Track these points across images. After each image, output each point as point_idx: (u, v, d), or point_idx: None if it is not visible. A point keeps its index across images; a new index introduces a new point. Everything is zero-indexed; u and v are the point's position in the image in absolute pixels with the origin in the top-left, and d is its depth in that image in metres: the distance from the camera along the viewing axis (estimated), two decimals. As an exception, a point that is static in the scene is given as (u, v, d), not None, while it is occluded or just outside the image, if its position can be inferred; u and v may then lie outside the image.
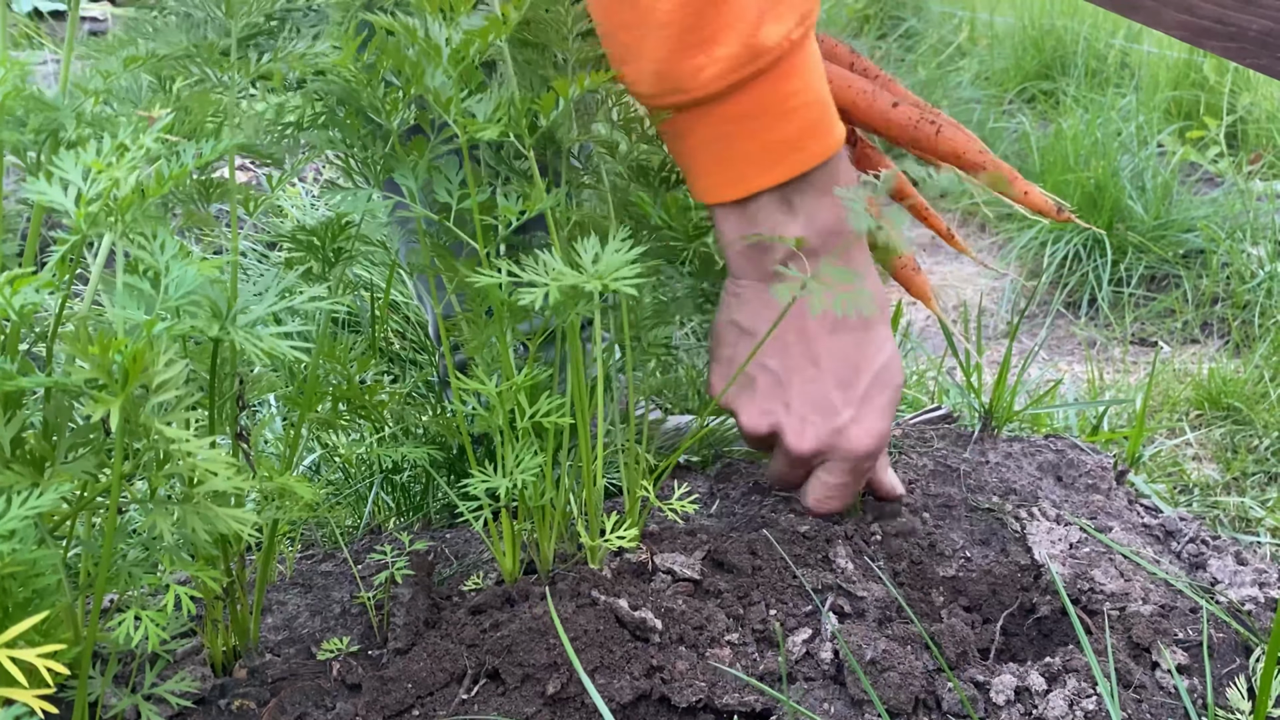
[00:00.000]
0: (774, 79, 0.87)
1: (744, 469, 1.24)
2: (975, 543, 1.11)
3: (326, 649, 0.98)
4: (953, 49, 3.82)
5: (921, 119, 1.10)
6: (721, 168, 0.91)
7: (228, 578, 0.92)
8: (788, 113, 0.88)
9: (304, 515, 0.95)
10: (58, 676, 0.76)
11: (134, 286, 0.69)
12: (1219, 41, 1.04)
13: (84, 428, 0.76)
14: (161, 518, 0.72)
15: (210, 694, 0.92)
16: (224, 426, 0.91)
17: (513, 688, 0.88)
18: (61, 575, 0.74)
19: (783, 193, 0.92)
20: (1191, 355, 2.14)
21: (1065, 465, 1.27)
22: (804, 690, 0.89)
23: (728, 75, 0.85)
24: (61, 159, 0.70)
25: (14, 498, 0.65)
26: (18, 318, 0.67)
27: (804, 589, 0.98)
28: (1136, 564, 1.06)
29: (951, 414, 1.42)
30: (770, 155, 0.90)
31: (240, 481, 0.71)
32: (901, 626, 0.95)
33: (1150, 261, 2.40)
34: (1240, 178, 2.70)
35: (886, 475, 1.10)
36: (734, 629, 0.94)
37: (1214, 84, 3.02)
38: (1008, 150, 2.95)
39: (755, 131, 0.88)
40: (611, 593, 0.93)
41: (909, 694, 0.88)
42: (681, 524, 1.10)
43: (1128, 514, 1.19)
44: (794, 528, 1.05)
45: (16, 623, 0.62)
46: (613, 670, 0.88)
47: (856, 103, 1.11)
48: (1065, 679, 0.92)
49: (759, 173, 0.90)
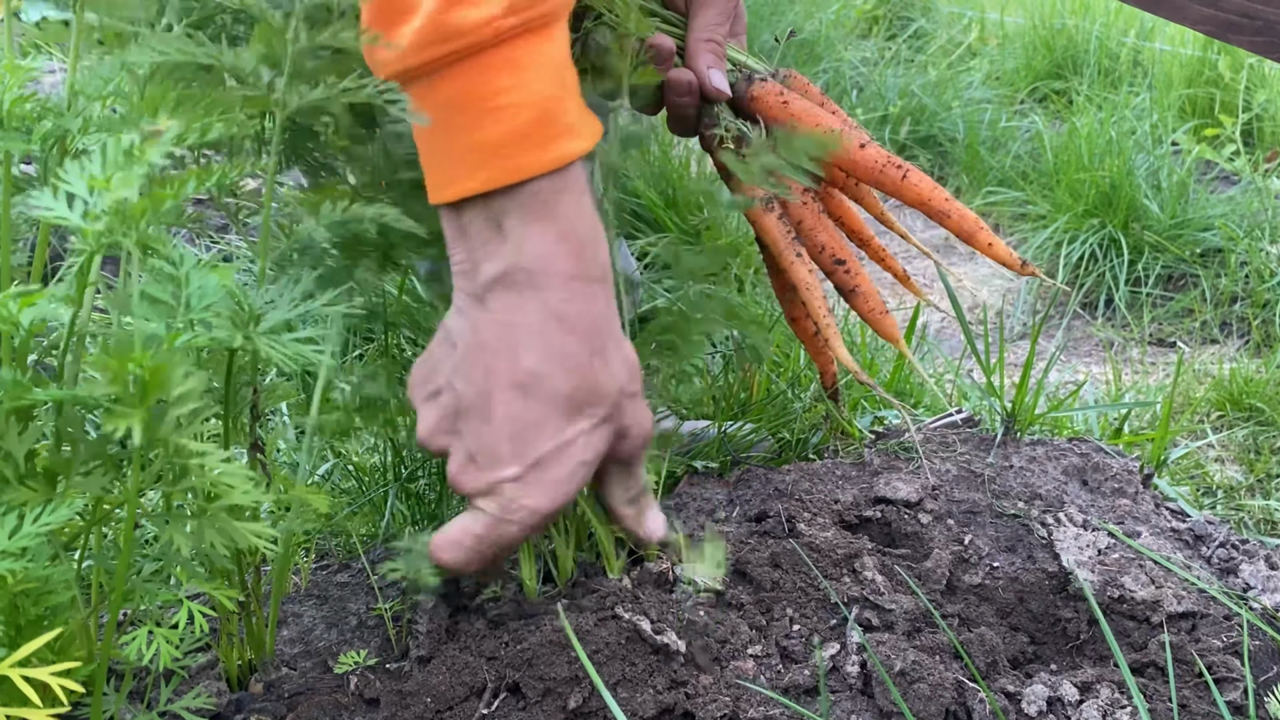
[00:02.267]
0: (477, 69, 0.79)
1: (762, 475, 1.23)
2: (1002, 549, 1.09)
3: (344, 662, 0.96)
4: (963, 49, 3.80)
5: (889, 162, 1.11)
6: (433, 162, 0.83)
7: (243, 591, 0.90)
8: (492, 111, 0.79)
9: (319, 525, 0.93)
10: (72, 695, 0.74)
11: (154, 297, 0.67)
12: (1246, 36, 1.02)
13: (97, 441, 0.75)
14: (178, 532, 0.70)
15: (226, 709, 0.90)
16: (239, 436, 0.89)
17: (533, 702, 0.86)
18: (75, 591, 0.73)
19: (490, 208, 0.82)
20: (1211, 355, 2.11)
21: (1090, 469, 1.25)
22: (831, 703, 0.87)
23: (416, 53, 0.78)
24: (67, 171, 0.68)
25: (27, 514, 0.64)
26: (26, 334, 0.65)
27: (828, 601, 0.96)
28: (1167, 570, 1.04)
29: (973, 417, 1.40)
30: (474, 157, 0.81)
31: (258, 495, 0.69)
32: (930, 636, 0.93)
33: (1167, 261, 2.37)
34: (1257, 176, 2.67)
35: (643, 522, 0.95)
36: (757, 641, 0.92)
37: (1229, 81, 3.00)
38: (1021, 150, 2.93)
39: (461, 127, 0.80)
40: (633, 607, 0.91)
41: (939, 705, 0.86)
42: (700, 532, 1.09)
43: (1155, 518, 1.17)
44: (817, 538, 1.03)
45: (29, 640, 0.61)
46: (635, 684, 0.86)
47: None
48: (1098, 689, 0.90)
49: (464, 176, 0.81)
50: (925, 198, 1.11)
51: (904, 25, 4.12)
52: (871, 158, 1.11)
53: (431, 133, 0.82)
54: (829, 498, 1.15)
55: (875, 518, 1.12)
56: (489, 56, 0.79)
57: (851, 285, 1.17)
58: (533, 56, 0.80)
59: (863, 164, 1.11)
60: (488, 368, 0.84)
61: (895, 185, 1.11)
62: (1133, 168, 2.48)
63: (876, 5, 4.16)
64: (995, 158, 2.91)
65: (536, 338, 0.83)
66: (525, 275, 0.82)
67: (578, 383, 0.84)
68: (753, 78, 1.13)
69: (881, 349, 1.78)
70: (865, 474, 1.21)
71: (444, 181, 0.83)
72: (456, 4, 0.77)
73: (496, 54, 0.79)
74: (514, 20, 0.78)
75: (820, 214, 1.16)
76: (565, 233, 0.82)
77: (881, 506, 1.13)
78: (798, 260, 1.14)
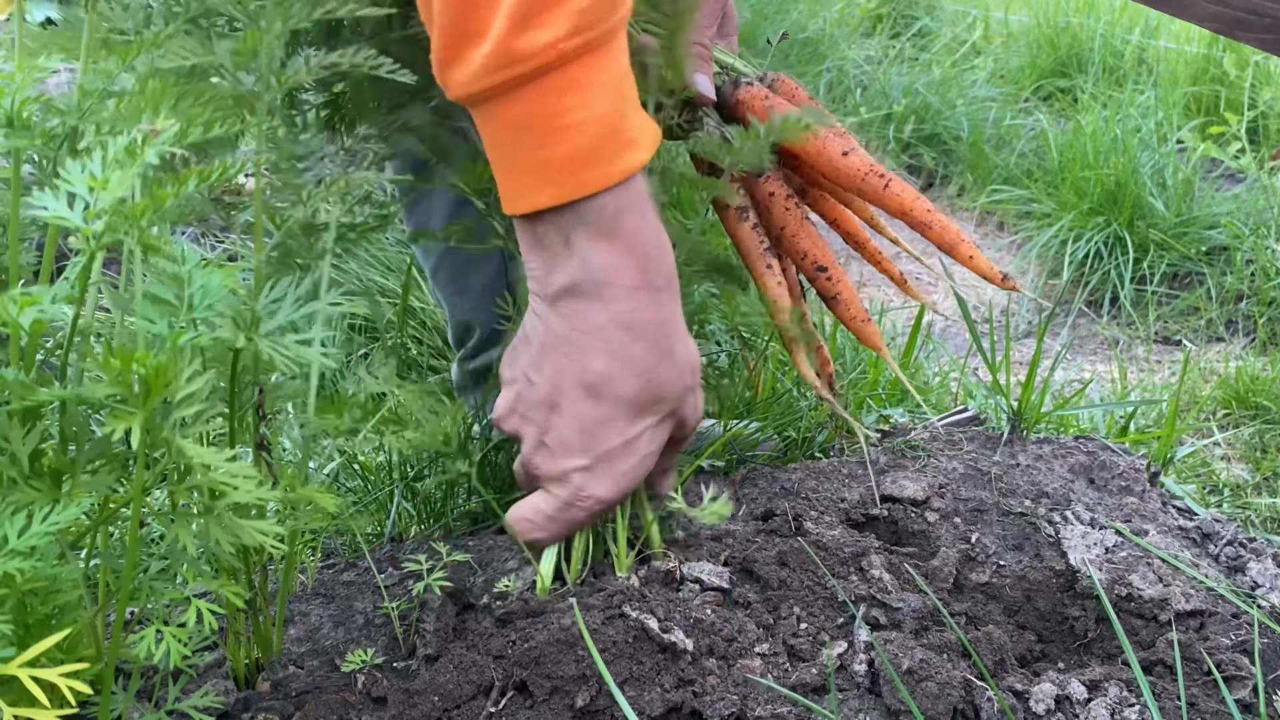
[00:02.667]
0: (543, 90, 0.81)
1: (768, 474, 1.23)
2: (1009, 548, 1.09)
3: (351, 661, 0.96)
4: (967, 47, 3.79)
5: (870, 171, 1.10)
6: (506, 177, 0.86)
7: (250, 590, 0.90)
8: (559, 130, 0.83)
9: (326, 524, 0.93)
10: (80, 695, 0.74)
11: (156, 296, 0.67)
12: (1254, 33, 1.02)
13: (102, 440, 0.75)
14: (184, 530, 0.70)
15: (234, 708, 0.90)
16: (245, 436, 0.89)
17: (541, 700, 0.86)
18: (82, 591, 0.73)
19: (560, 222, 0.86)
20: (1217, 353, 2.11)
21: (1097, 467, 1.25)
22: (838, 701, 0.87)
23: (483, 77, 0.80)
24: (68, 171, 0.68)
25: (35, 513, 0.64)
26: (29, 335, 0.65)
27: (835, 599, 0.96)
28: (1175, 568, 1.04)
29: (979, 416, 1.40)
30: (543, 173, 0.84)
31: (263, 493, 0.69)
32: (937, 635, 0.93)
33: (1172, 259, 2.37)
34: (1263, 173, 2.67)
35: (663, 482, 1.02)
36: (765, 639, 0.92)
37: (1234, 79, 2.99)
38: (1025, 148, 2.92)
39: (529, 144, 0.83)
40: (640, 605, 0.91)
41: (947, 704, 0.86)
42: (707, 530, 1.08)
43: (1163, 517, 1.17)
44: (824, 536, 1.03)
45: (38, 640, 0.61)
46: (642, 683, 0.86)
47: (807, 148, 1.12)
48: (1106, 687, 0.89)
49: (534, 190, 0.85)
50: (907, 208, 1.11)
51: (908, 24, 4.11)
52: (854, 166, 1.11)
53: (501, 147, 0.85)
54: (835, 496, 1.15)
55: (882, 516, 1.12)
56: (554, 78, 0.81)
57: (833, 293, 1.17)
58: (594, 74, 0.83)
59: (845, 172, 1.11)
60: (558, 367, 0.89)
61: (877, 194, 1.11)
62: (1138, 166, 2.48)
63: (881, 4, 4.16)
64: (1000, 156, 2.90)
65: (603, 344, 0.87)
66: (592, 287, 0.87)
67: (643, 385, 0.89)
68: (739, 81, 1.13)
69: (886, 348, 1.78)
70: (871, 472, 1.21)
71: (516, 194, 0.86)
72: (524, 28, 0.79)
73: (562, 75, 0.81)
74: (578, 41, 0.80)
75: (804, 220, 1.16)
76: (630, 247, 0.86)
77: (888, 505, 1.13)
78: (767, 272, 1.14)
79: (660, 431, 0.92)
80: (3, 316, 0.64)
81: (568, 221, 0.86)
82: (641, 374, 0.89)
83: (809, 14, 3.75)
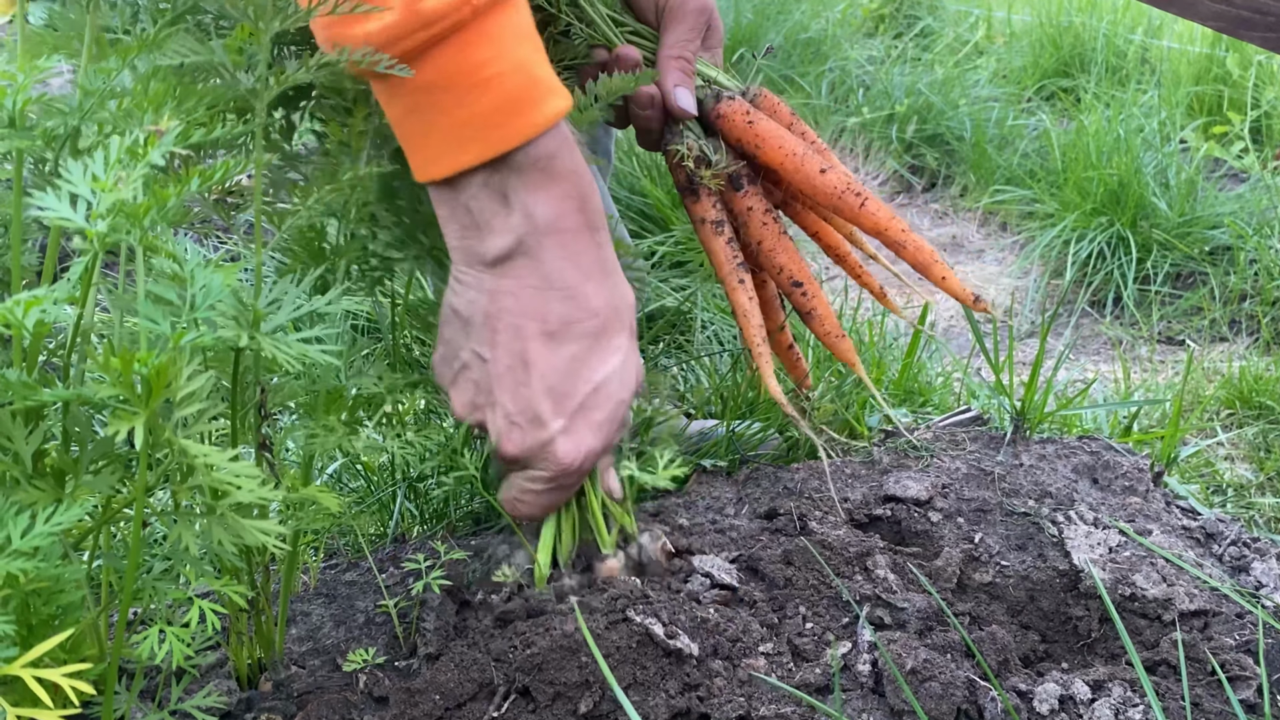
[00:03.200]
0: (457, 46, 0.80)
1: (770, 474, 1.22)
2: (1012, 548, 1.09)
3: (352, 660, 0.96)
4: (970, 47, 3.79)
5: (848, 189, 1.11)
6: (422, 143, 0.84)
7: (252, 590, 0.90)
8: (480, 84, 0.81)
9: (328, 524, 0.93)
10: (83, 695, 0.74)
11: (159, 296, 0.67)
12: (1258, 32, 1.01)
13: (105, 440, 0.75)
14: (186, 530, 0.70)
15: (236, 708, 0.90)
16: (247, 436, 0.89)
17: (543, 706, 0.86)
18: (85, 591, 0.73)
19: (491, 179, 0.84)
20: (1220, 353, 2.11)
21: (1101, 467, 1.25)
22: (842, 701, 0.87)
23: (395, 43, 0.78)
24: (69, 171, 0.68)
25: (38, 514, 0.64)
26: (32, 335, 0.65)
27: (839, 599, 0.96)
28: (1179, 568, 1.04)
29: (982, 416, 1.40)
30: (466, 131, 0.82)
31: (265, 493, 0.69)
32: (941, 635, 0.93)
33: (1176, 259, 2.36)
34: (1266, 173, 2.66)
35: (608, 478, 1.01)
36: (769, 639, 0.92)
37: (1237, 79, 2.98)
38: (1028, 148, 2.92)
39: (447, 105, 0.81)
40: (644, 609, 0.91)
41: (951, 704, 0.86)
42: (710, 524, 1.08)
43: (1166, 516, 1.17)
44: (828, 536, 1.03)
45: (40, 640, 0.61)
46: (647, 688, 0.86)
47: (785, 164, 1.12)
48: (1110, 687, 0.89)
49: (456, 150, 0.83)
50: (882, 227, 1.11)
51: (910, 24, 4.11)
52: (831, 183, 1.11)
53: (415, 112, 0.82)
54: (838, 496, 1.14)
55: (885, 516, 1.12)
56: (467, 34, 0.80)
57: (809, 308, 1.18)
58: (505, 25, 0.81)
59: (822, 189, 1.11)
60: (515, 329, 0.87)
61: (853, 212, 1.11)
62: (1141, 165, 2.47)
63: (883, 4, 4.15)
64: (1002, 156, 2.90)
65: (559, 289, 0.87)
66: (537, 238, 0.86)
67: (602, 314, 0.89)
68: (721, 95, 1.13)
69: (889, 348, 1.78)
70: (874, 472, 1.21)
71: (433, 158, 0.84)
72: None
73: (475, 29, 0.80)
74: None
75: (782, 234, 1.16)
76: (568, 190, 0.86)
77: (892, 505, 1.13)
78: (739, 287, 1.14)
79: (628, 374, 0.92)
80: (7, 318, 0.64)
81: (502, 177, 0.84)
82: (598, 309, 0.89)
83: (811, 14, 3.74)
